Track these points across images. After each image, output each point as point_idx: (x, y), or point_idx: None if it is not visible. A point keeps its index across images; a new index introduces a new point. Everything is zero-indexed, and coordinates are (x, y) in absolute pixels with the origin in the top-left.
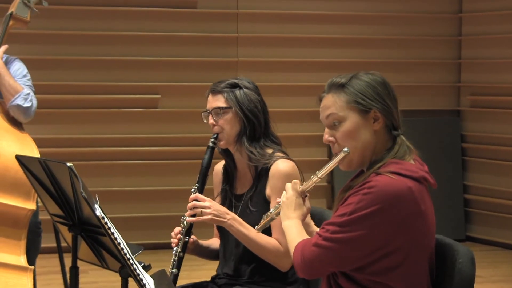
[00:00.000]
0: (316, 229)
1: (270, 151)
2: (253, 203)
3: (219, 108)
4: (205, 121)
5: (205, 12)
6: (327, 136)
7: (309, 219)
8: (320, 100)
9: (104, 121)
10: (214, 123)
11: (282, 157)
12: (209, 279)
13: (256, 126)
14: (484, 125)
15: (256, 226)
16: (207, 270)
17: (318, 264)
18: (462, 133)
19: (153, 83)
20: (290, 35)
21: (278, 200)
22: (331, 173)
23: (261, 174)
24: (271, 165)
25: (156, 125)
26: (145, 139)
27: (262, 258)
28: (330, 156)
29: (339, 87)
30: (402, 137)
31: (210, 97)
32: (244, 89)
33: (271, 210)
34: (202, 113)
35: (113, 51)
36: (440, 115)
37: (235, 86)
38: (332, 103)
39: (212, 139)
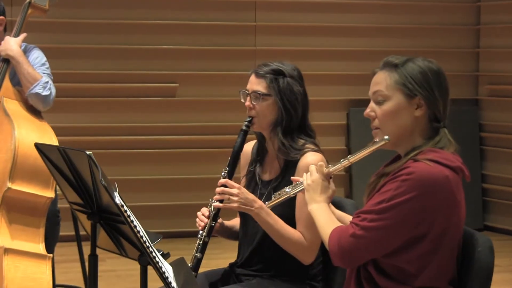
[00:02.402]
0: (338, 213)
1: (301, 142)
2: (272, 195)
3: (259, 93)
4: (242, 100)
5: (223, 0)
6: (368, 111)
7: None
8: (373, 74)
9: (123, 109)
10: (251, 106)
11: (311, 149)
12: (226, 266)
13: (293, 118)
14: (502, 115)
15: (266, 203)
16: (225, 258)
17: (357, 253)
18: (480, 122)
19: (171, 71)
20: (308, 23)
21: (295, 178)
22: None
23: (289, 166)
24: (300, 157)
25: (174, 114)
26: (163, 127)
27: (284, 249)
28: (349, 146)
29: (393, 66)
30: (445, 130)
31: (252, 78)
32: (288, 78)
33: (287, 189)
34: (241, 92)
35: (131, 40)
36: (458, 105)
37: (279, 73)
38: (382, 80)
39: (246, 122)
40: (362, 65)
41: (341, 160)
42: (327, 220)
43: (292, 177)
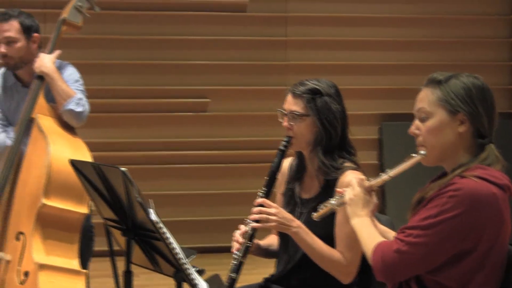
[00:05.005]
0: (381, 228)
1: (340, 161)
2: (318, 206)
3: (296, 113)
4: (279, 120)
5: (254, 15)
6: (413, 128)
7: None
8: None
9: (154, 125)
10: (289, 126)
11: (351, 168)
12: (260, 280)
13: (332, 137)
14: None
15: (313, 215)
16: (258, 274)
17: (401, 269)
18: None
19: (202, 87)
20: (339, 38)
21: (340, 190)
22: None
23: (329, 185)
24: (339, 176)
25: (205, 129)
26: (194, 143)
27: (323, 268)
28: (381, 160)
29: (436, 83)
30: (492, 145)
31: (289, 98)
32: (325, 97)
33: (332, 201)
34: (278, 111)
35: (163, 56)
36: None
37: (316, 92)
38: (425, 97)
39: (284, 142)
40: (395, 79)
41: (381, 174)
42: (370, 234)
43: (337, 189)
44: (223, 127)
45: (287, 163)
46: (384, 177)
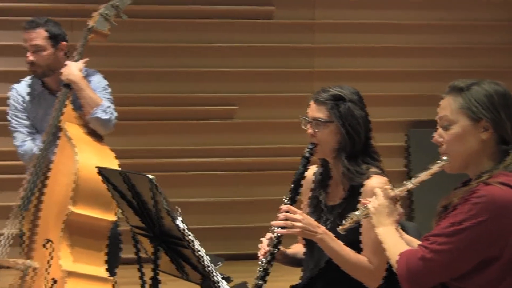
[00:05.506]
0: (407, 237)
1: (365, 166)
2: (343, 219)
3: (320, 120)
4: (303, 127)
5: (281, 22)
6: (436, 136)
7: None
8: (441, 100)
9: (181, 132)
10: (313, 133)
11: (375, 173)
12: None
13: (356, 142)
14: None
15: (339, 227)
16: (285, 281)
17: (425, 276)
18: None
19: (229, 94)
20: (365, 45)
21: (364, 201)
22: None
23: (354, 190)
24: (364, 182)
25: (232, 136)
26: (221, 150)
27: (349, 274)
28: (409, 167)
29: (458, 90)
30: None
31: (312, 105)
32: (349, 103)
33: (357, 212)
34: (301, 119)
35: (190, 63)
36: None
37: (339, 98)
38: (447, 105)
39: (308, 149)
40: (422, 86)
41: (405, 182)
42: (395, 243)
43: (361, 200)
44: (250, 134)
45: (312, 171)
46: (408, 185)
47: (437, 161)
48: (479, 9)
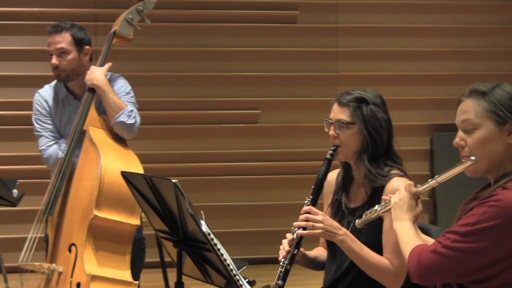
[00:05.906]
0: (424, 237)
1: (387, 169)
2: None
3: (343, 121)
4: (326, 130)
5: (305, 27)
6: (458, 140)
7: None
8: (459, 103)
9: (205, 136)
10: (335, 135)
11: (397, 175)
12: None
13: (378, 145)
14: None
15: (357, 221)
16: (308, 285)
17: (434, 271)
18: None
19: (253, 98)
20: (390, 48)
21: (386, 197)
22: (434, 188)
23: (376, 192)
24: (386, 183)
25: (256, 140)
26: (245, 154)
27: (371, 276)
28: (433, 171)
29: (480, 93)
30: None
31: (335, 107)
32: (371, 105)
33: (376, 207)
34: (324, 121)
35: (214, 67)
36: None
37: (362, 101)
38: (470, 109)
39: (331, 151)
40: (446, 90)
41: (429, 180)
42: (411, 237)
43: (383, 196)
44: (273, 138)
45: (334, 174)
46: (431, 182)
47: (463, 160)
48: (503, 12)
